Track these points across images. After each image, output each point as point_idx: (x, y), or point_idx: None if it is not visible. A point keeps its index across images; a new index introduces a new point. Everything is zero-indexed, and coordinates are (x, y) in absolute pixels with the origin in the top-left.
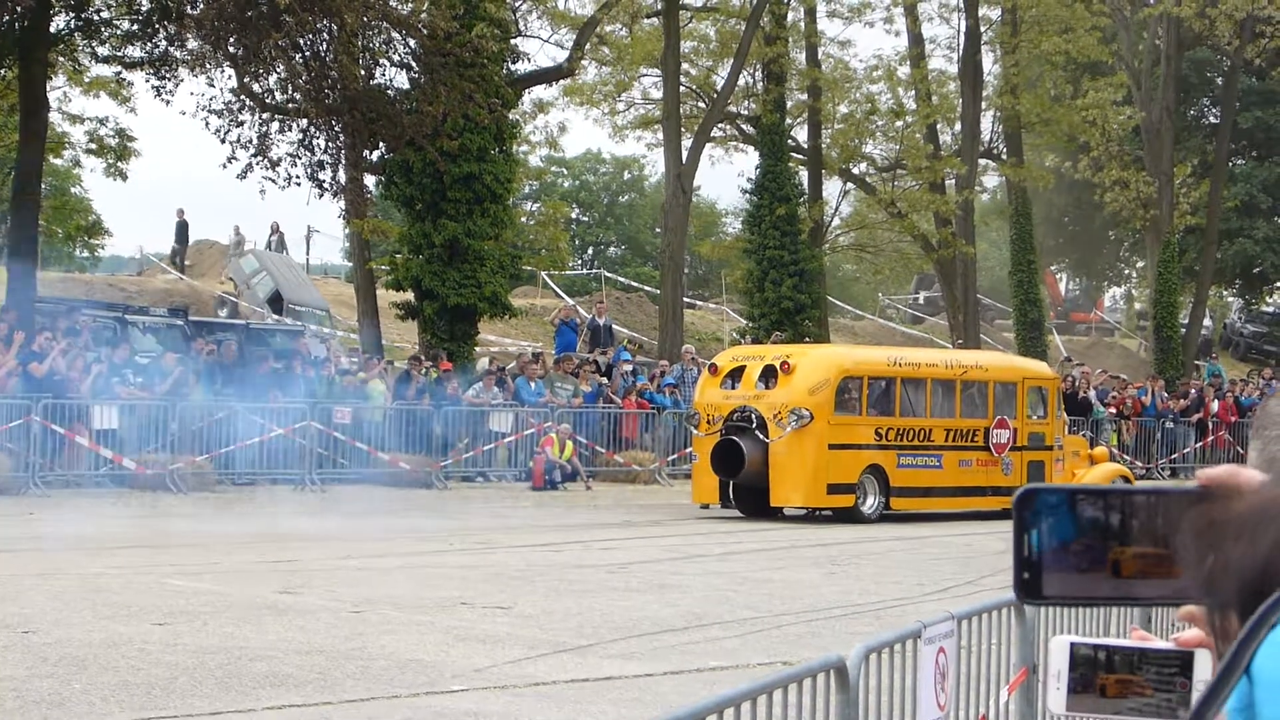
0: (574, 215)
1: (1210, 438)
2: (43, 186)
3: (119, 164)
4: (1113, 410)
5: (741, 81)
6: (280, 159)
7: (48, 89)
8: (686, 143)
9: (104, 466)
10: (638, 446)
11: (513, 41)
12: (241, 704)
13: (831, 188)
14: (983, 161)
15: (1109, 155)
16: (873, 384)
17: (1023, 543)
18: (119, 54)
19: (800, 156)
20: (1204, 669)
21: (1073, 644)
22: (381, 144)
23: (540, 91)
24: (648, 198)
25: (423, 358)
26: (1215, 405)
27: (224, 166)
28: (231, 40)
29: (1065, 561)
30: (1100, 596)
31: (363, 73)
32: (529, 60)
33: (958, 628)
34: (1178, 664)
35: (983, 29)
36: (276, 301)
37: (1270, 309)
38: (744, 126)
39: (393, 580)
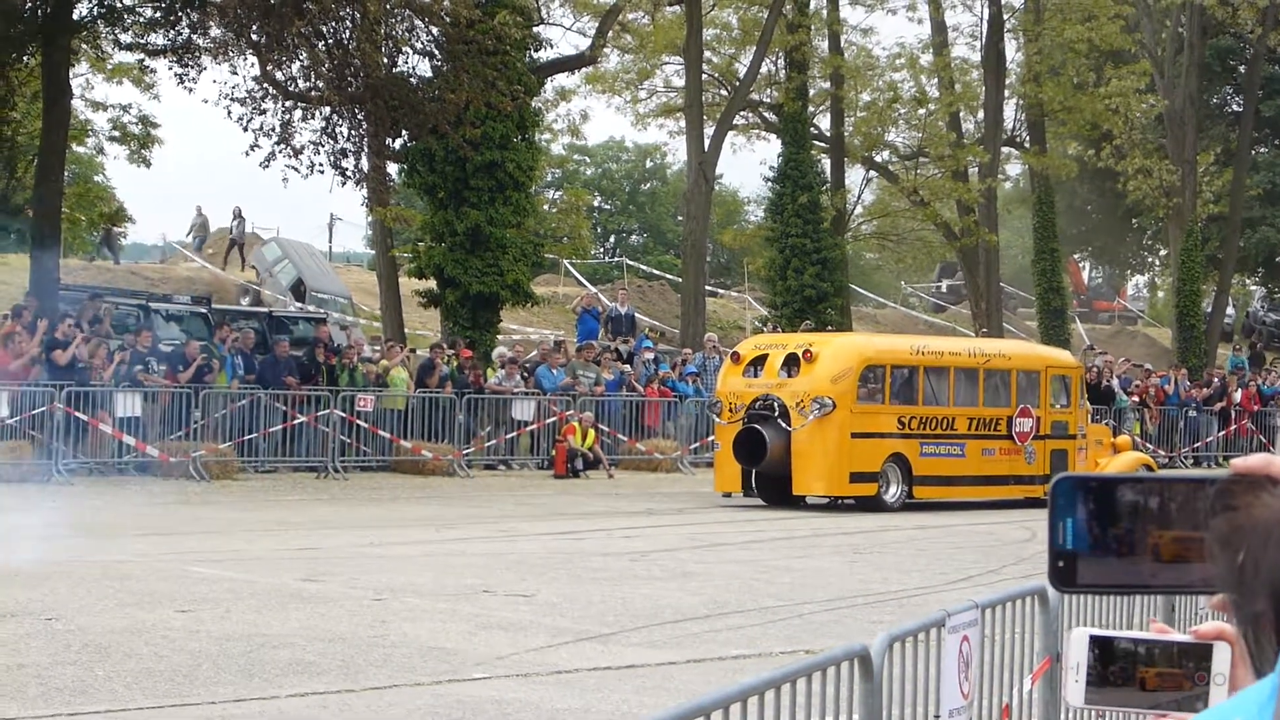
0: (596, 203)
1: (1233, 426)
2: (65, 174)
3: (142, 151)
4: (1136, 399)
5: (764, 69)
6: (303, 147)
7: (71, 76)
8: (709, 131)
9: (127, 454)
10: (660, 435)
11: (535, 29)
12: (264, 691)
13: (854, 176)
14: (1005, 150)
15: (1131, 143)
16: (895, 372)
17: (1057, 531)
18: (142, 41)
19: (822, 144)
20: (1222, 661)
21: (1092, 636)
22: (404, 132)
23: (562, 79)
24: (670, 186)
25: (445, 345)
26: (1238, 394)
27: (247, 154)
28: (254, 28)
29: (1101, 549)
30: (1136, 584)
31: (385, 60)
32: (551, 48)
33: (981, 616)
34: (1196, 656)
35: (1005, 17)
36: (299, 289)
37: None
38: (766, 114)
39: (415, 568)
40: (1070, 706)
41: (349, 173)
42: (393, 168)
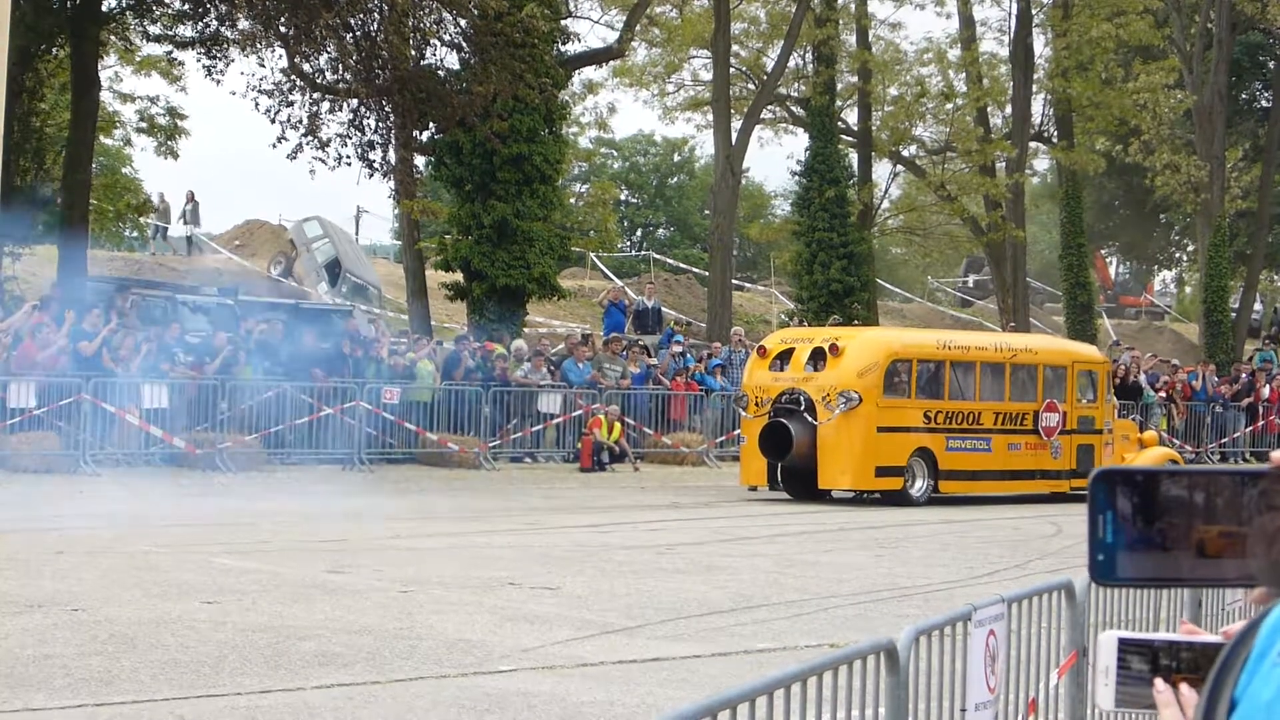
0: (623, 196)
1: (1261, 422)
2: (93, 166)
3: (170, 143)
4: (1163, 394)
5: (791, 63)
6: (330, 139)
7: (99, 68)
8: (736, 124)
9: (154, 445)
10: (686, 428)
11: (563, 22)
12: (290, 683)
13: (881, 170)
14: (1033, 145)
15: (1160, 139)
16: (922, 367)
17: (1097, 524)
18: (170, 33)
19: (850, 139)
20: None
21: (1121, 639)
22: (431, 124)
23: (590, 72)
24: (697, 179)
25: (471, 338)
26: (1266, 389)
27: (274, 146)
28: (282, 20)
29: (1143, 542)
30: (1174, 577)
31: (413, 53)
32: (579, 41)
33: (1008, 611)
34: None
35: (1034, 11)
36: (334, 270)
37: None
38: (794, 108)
39: (441, 560)
40: (1103, 711)
41: (376, 165)
42: (420, 160)
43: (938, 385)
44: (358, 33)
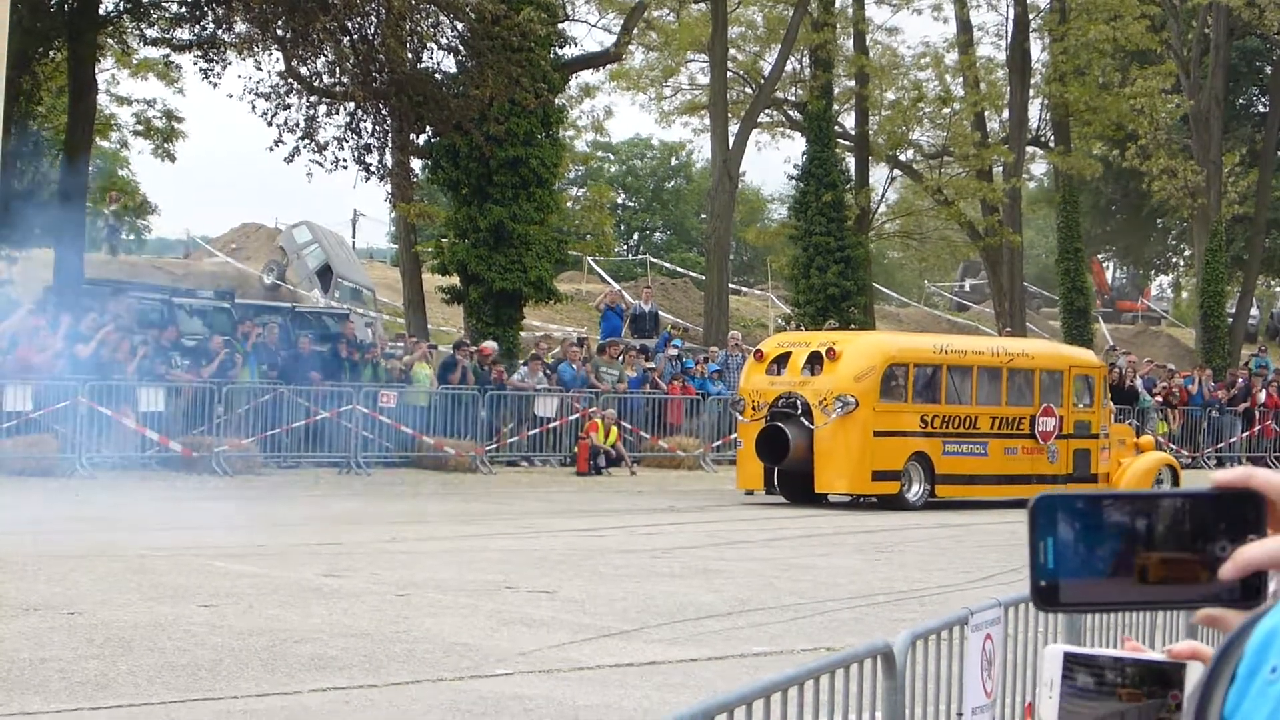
0: (620, 200)
1: (1257, 427)
2: (90, 168)
3: (166, 145)
4: (1159, 399)
5: (789, 68)
6: (327, 142)
7: (96, 71)
8: (733, 128)
9: (150, 448)
10: (682, 432)
11: (560, 25)
12: (286, 686)
13: (878, 174)
14: (1030, 149)
15: (1157, 144)
16: (918, 371)
17: (1038, 551)
18: (167, 36)
19: (847, 143)
20: (1196, 680)
21: (1067, 654)
22: (428, 128)
23: (587, 76)
24: (694, 183)
25: (468, 342)
26: (1262, 395)
27: (271, 149)
28: (279, 23)
29: (1086, 568)
30: (1120, 601)
31: (410, 56)
32: (576, 44)
33: (1004, 615)
34: (1171, 675)
35: (1031, 16)
36: (325, 275)
37: None
38: (791, 113)
39: (437, 564)
40: None
41: (373, 168)
42: (416, 163)
43: (934, 390)
44: (355, 36)
